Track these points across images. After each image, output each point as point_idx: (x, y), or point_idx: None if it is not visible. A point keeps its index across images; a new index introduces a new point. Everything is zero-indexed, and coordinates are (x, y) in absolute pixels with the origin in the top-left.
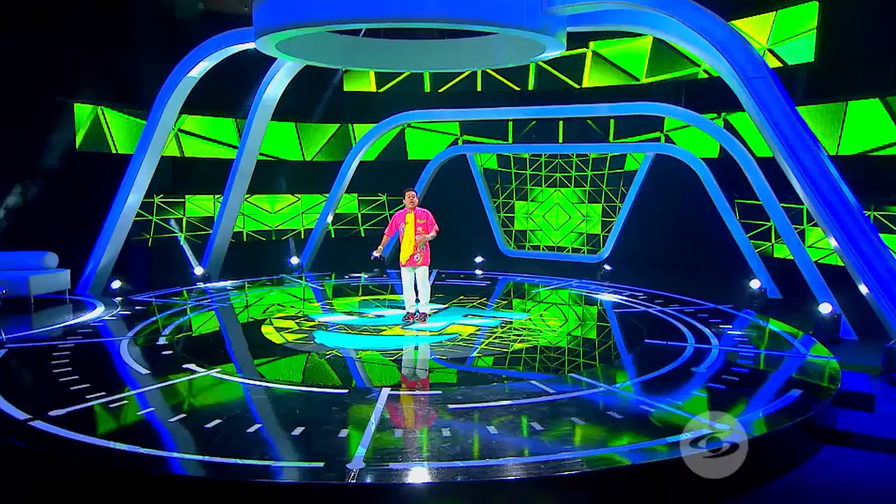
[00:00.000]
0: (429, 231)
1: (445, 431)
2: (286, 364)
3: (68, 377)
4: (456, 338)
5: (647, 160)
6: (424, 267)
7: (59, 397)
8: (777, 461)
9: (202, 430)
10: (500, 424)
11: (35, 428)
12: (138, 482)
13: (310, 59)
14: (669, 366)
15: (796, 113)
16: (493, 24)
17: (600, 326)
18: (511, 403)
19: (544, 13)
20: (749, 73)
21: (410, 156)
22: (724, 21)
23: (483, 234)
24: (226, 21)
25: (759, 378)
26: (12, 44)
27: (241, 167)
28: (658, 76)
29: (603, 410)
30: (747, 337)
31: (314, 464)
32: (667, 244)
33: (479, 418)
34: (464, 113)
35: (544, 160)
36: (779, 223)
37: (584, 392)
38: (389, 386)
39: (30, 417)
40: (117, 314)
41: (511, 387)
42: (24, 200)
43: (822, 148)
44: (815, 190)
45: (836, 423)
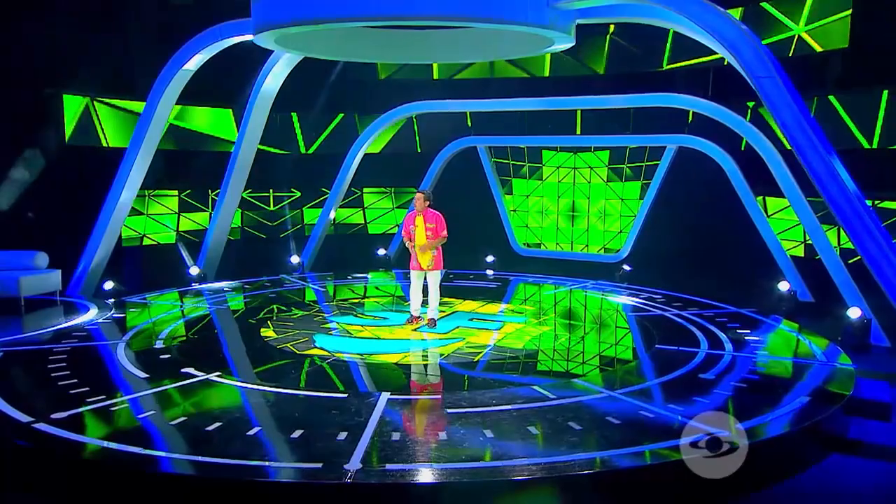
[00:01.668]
0: (438, 235)
1: (443, 434)
2: (286, 367)
3: (67, 381)
4: (461, 341)
5: (668, 153)
6: (436, 271)
7: (60, 401)
8: (777, 467)
9: (202, 432)
10: (497, 428)
11: (39, 430)
12: (141, 482)
13: (310, 52)
14: (677, 372)
15: (806, 113)
16: (497, 21)
17: (611, 330)
18: (510, 408)
19: (551, 8)
20: (758, 72)
21: (420, 148)
22: (733, 18)
23: (494, 231)
24: (223, 4)
25: (768, 385)
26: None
27: (238, 161)
28: (680, 62)
29: (602, 415)
30: (764, 342)
31: (312, 465)
32: (690, 243)
33: (477, 422)
34: (473, 104)
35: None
36: (805, 221)
37: (585, 397)
38: (389, 390)
39: (33, 420)
40: (111, 316)
41: (512, 391)
42: (11, 197)
43: (832, 150)
44: (825, 192)
45: (848, 432)
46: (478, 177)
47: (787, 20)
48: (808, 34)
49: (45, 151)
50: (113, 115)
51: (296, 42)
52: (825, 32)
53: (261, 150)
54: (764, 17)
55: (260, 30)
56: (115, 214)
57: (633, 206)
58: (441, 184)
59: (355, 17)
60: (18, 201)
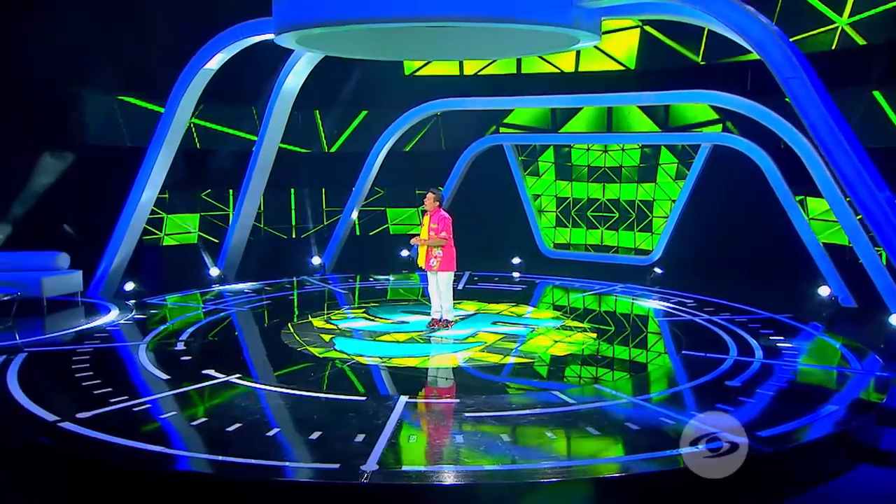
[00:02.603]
0: (438, 235)
1: (459, 437)
2: (306, 370)
3: (90, 381)
4: (481, 346)
5: (703, 151)
6: (444, 273)
7: (84, 401)
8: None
9: (222, 433)
10: (514, 433)
11: (64, 429)
12: (162, 481)
13: (332, 52)
14: (702, 378)
15: (835, 114)
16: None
17: (637, 335)
18: (528, 413)
19: (575, 6)
20: (785, 72)
21: (445, 145)
22: (760, 16)
23: (521, 232)
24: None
25: (798, 392)
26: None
27: (259, 161)
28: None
29: (621, 421)
30: (797, 349)
31: (329, 465)
32: (727, 245)
33: (494, 426)
34: (500, 101)
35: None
36: (844, 222)
37: (604, 403)
38: (408, 393)
39: (58, 419)
40: (132, 318)
41: (531, 396)
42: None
43: (863, 152)
44: (854, 194)
45: (880, 442)
46: (504, 176)
47: (829, 12)
48: (852, 27)
49: (67, 151)
50: (135, 112)
51: (318, 42)
52: (869, 25)
53: (282, 148)
54: (806, 9)
55: (281, 30)
56: (137, 214)
57: (666, 206)
58: (466, 183)
59: (380, 18)
60: (41, 201)
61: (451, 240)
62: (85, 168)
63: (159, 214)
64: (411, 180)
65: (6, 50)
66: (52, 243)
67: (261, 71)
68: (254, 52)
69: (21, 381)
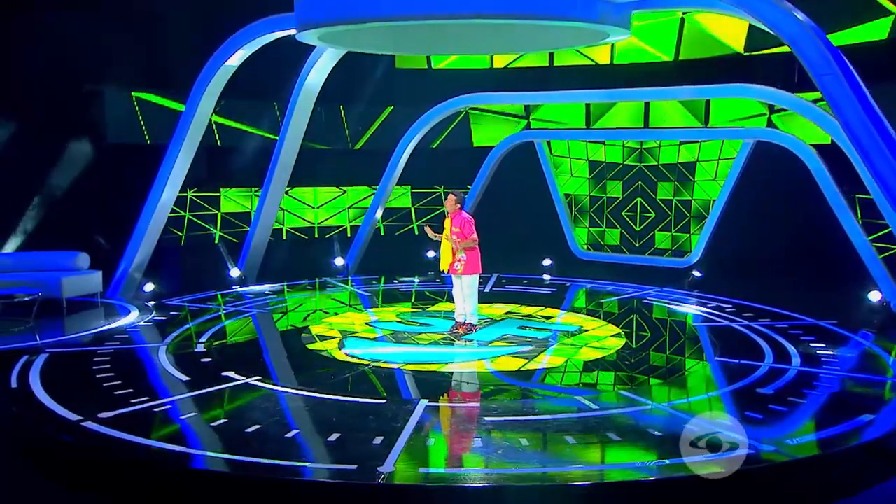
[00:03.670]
0: (465, 238)
1: (478, 441)
2: (325, 374)
3: (111, 382)
4: (506, 351)
5: (745, 148)
6: (468, 276)
7: (105, 401)
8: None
9: (241, 434)
10: (534, 437)
11: (87, 428)
12: (181, 480)
13: (355, 48)
14: (734, 385)
15: (871, 113)
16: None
17: (671, 341)
18: (549, 418)
19: (604, 2)
20: (820, 69)
21: (475, 142)
22: (795, 11)
23: (553, 232)
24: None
25: (831, 400)
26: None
27: (281, 158)
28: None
29: (643, 428)
30: (837, 356)
31: (347, 466)
32: (769, 247)
33: (514, 431)
34: (530, 96)
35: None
36: (893, 223)
37: (629, 409)
38: (428, 397)
39: (81, 419)
40: (151, 319)
41: (552, 401)
42: (52, 196)
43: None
44: (889, 196)
45: None
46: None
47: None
48: None
49: (86, 149)
50: (155, 110)
51: (340, 38)
52: None
53: (305, 145)
54: None
55: (303, 27)
56: (157, 214)
57: (705, 206)
58: (495, 181)
59: (406, 16)
60: (60, 201)
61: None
62: (105, 166)
63: (179, 213)
64: (437, 179)
65: (26, 48)
66: (72, 243)
67: (282, 67)
68: (275, 47)
69: (43, 380)
